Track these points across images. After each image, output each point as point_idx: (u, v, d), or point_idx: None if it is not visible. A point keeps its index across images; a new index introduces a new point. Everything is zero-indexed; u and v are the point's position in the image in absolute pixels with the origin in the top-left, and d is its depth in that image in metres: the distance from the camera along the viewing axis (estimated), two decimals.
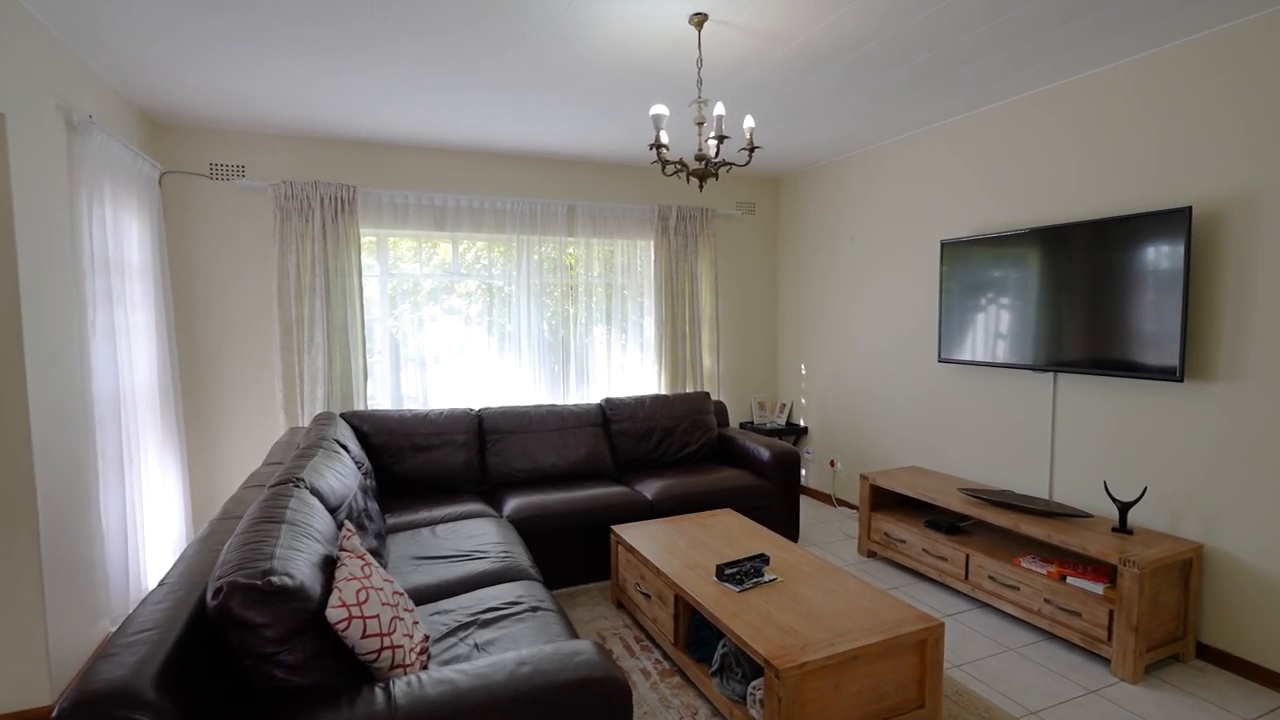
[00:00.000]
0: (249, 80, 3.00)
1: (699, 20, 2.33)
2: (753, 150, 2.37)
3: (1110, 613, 2.54)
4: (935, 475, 3.76)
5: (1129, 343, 2.78)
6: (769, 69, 2.86)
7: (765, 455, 3.85)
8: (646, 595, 2.78)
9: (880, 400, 4.34)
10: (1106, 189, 2.95)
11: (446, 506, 3.19)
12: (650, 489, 3.59)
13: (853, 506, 4.62)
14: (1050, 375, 3.23)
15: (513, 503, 3.29)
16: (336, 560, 1.67)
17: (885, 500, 3.81)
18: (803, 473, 5.12)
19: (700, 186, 2.40)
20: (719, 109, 2.23)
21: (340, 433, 2.95)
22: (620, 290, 4.82)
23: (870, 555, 3.76)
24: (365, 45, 2.62)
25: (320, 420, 3.09)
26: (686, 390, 4.87)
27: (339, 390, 3.96)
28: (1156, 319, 2.67)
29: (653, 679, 2.52)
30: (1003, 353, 3.33)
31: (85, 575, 2.60)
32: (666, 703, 2.37)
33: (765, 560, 2.57)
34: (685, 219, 4.82)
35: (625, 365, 4.90)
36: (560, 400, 4.64)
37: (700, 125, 2.38)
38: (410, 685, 1.38)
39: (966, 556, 3.13)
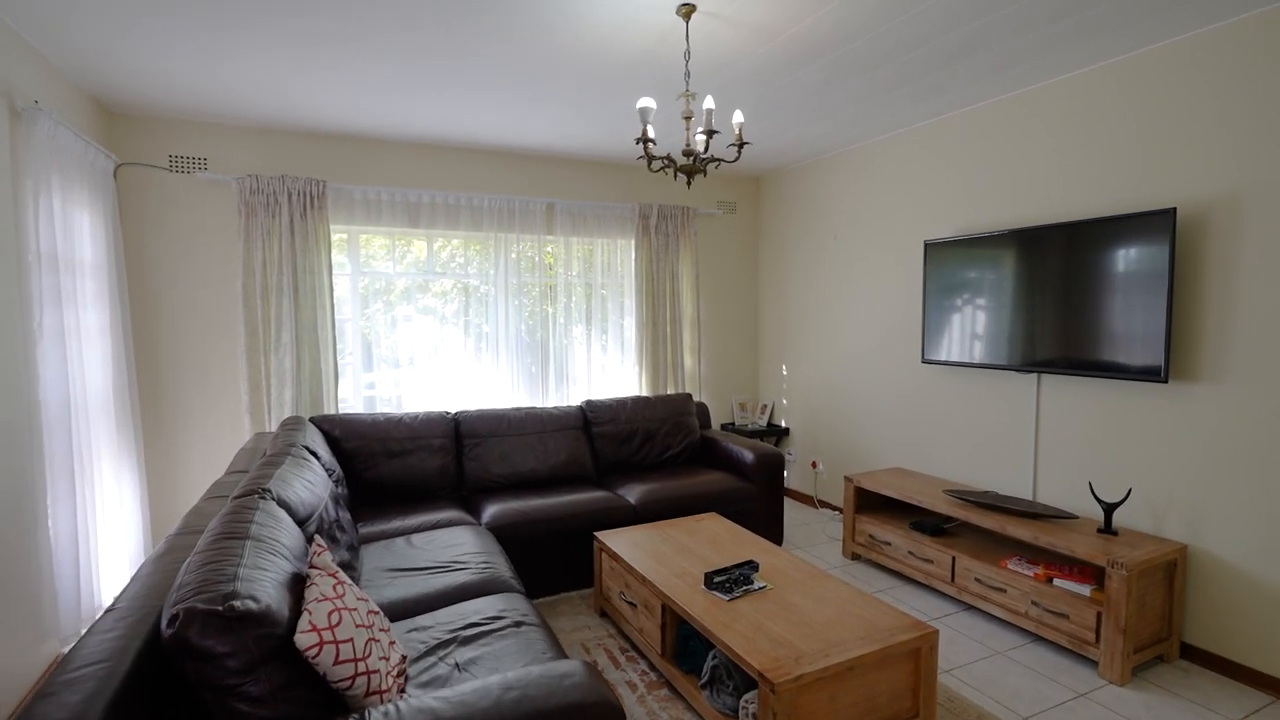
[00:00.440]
0: (212, 68, 2.84)
1: (686, 11, 2.26)
2: (742, 146, 2.30)
3: (1098, 615, 2.53)
4: (919, 476, 3.74)
5: (1113, 343, 2.78)
6: (755, 64, 2.80)
7: (749, 458, 3.80)
8: (632, 604, 2.70)
9: (863, 401, 4.31)
10: (1090, 190, 2.96)
11: (422, 514, 3.07)
12: (633, 493, 3.51)
13: (835, 508, 4.60)
14: (1034, 376, 3.22)
15: (491, 509, 3.18)
16: (306, 579, 1.56)
17: (869, 502, 3.78)
18: (784, 474, 5.08)
19: (688, 183, 2.32)
20: (709, 102, 2.15)
21: (309, 438, 2.81)
22: (600, 290, 4.73)
23: (854, 558, 3.73)
24: (337, 33, 2.49)
25: (288, 425, 2.94)
26: (668, 392, 4.80)
27: (308, 393, 3.80)
28: (1141, 319, 2.67)
29: (640, 692, 2.44)
30: (986, 353, 3.32)
31: (30, 594, 2.42)
32: (655, 717, 2.29)
33: (754, 567, 2.50)
34: (666, 218, 4.75)
35: (605, 366, 4.81)
36: (539, 402, 4.54)
37: (688, 120, 2.30)
38: (388, 716, 1.28)
39: (953, 559, 3.11)
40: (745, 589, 2.36)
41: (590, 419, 3.96)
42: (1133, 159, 2.79)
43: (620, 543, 2.90)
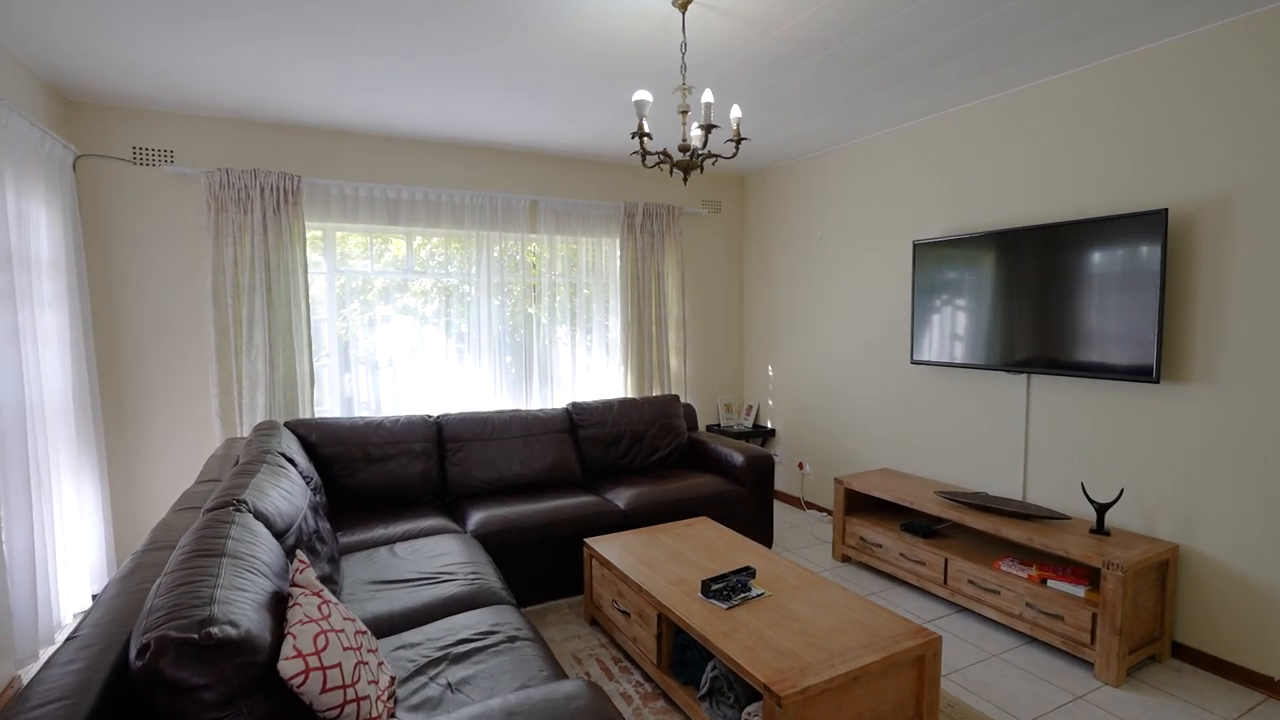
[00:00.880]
0: (178, 55, 2.69)
1: (683, 1, 2.19)
2: (739, 142, 2.24)
3: (1093, 616, 2.52)
4: (908, 478, 3.72)
5: (1104, 344, 2.78)
6: (750, 59, 2.74)
7: (739, 460, 3.74)
8: (625, 613, 2.62)
9: (851, 402, 4.29)
10: (1081, 191, 2.96)
11: (405, 522, 2.95)
12: (622, 498, 3.43)
13: (822, 509, 4.57)
14: (1024, 377, 3.22)
15: (477, 516, 3.08)
16: (288, 598, 1.45)
17: (859, 504, 3.76)
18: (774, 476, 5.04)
19: (685, 179, 2.25)
20: (707, 96, 2.09)
21: (285, 444, 2.68)
22: (584, 290, 4.64)
23: (845, 560, 3.70)
24: (313, 20, 2.36)
25: (262, 430, 2.80)
26: (653, 393, 4.73)
27: (282, 396, 3.64)
28: (1132, 320, 2.67)
29: (635, 704, 2.36)
30: (976, 354, 3.31)
31: None
32: None
33: (751, 573, 2.45)
34: (651, 216, 4.68)
35: (590, 368, 4.72)
36: (523, 405, 4.43)
37: (684, 114, 2.23)
38: None
39: (945, 561, 3.09)
40: (744, 597, 2.30)
41: (577, 421, 3.87)
42: (1124, 160, 2.79)
43: (611, 549, 2.82)
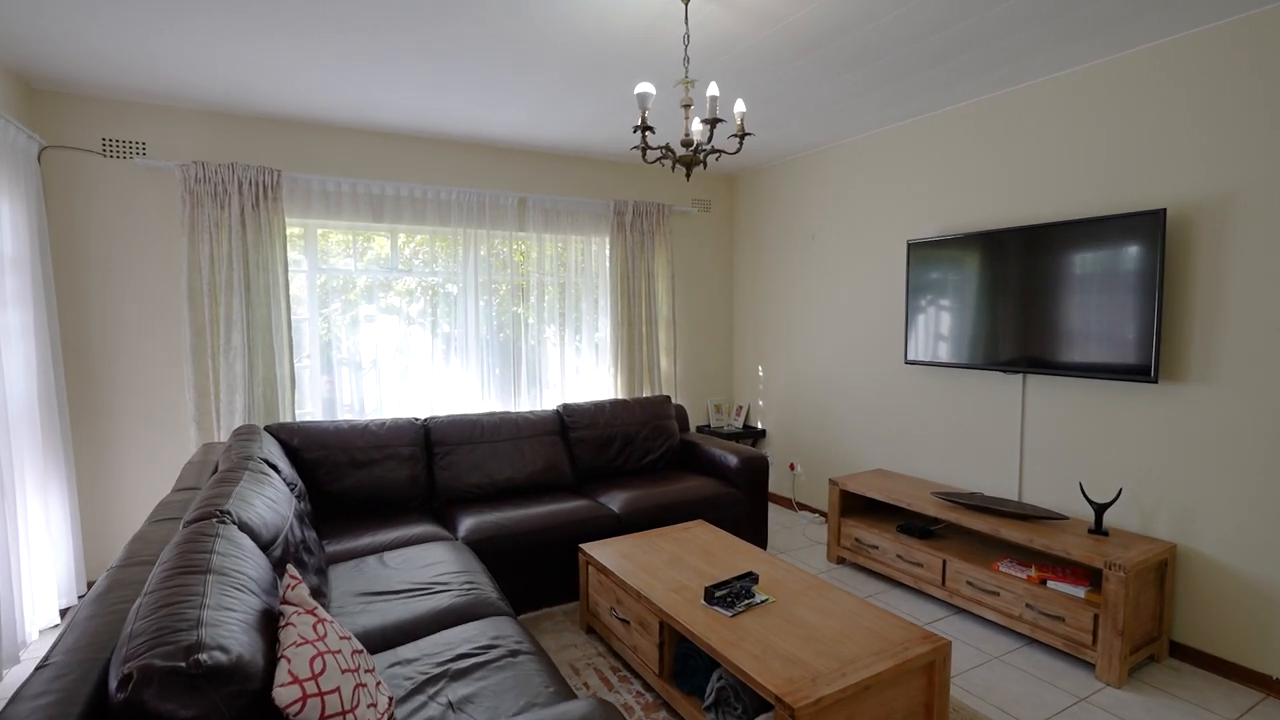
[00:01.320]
0: (150, 41, 2.56)
1: None
2: (744, 137, 2.18)
3: (1095, 617, 2.51)
4: (903, 478, 3.71)
5: (1101, 343, 2.77)
6: (751, 53, 2.69)
7: (733, 462, 3.69)
8: (624, 621, 2.55)
9: (844, 402, 4.27)
10: (1078, 190, 2.95)
11: (394, 530, 2.84)
12: (615, 501, 3.36)
13: (814, 510, 4.54)
14: (1019, 376, 3.21)
15: (467, 522, 2.98)
16: (279, 616, 1.36)
17: (854, 505, 3.73)
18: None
19: (688, 175, 2.19)
20: (713, 89, 2.02)
21: (267, 449, 2.56)
22: (574, 289, 4.56)
23: (840, 562, 3.67)
24: (293, 6, 2.26)
25: (242, 435, 2.68)
26: (643, 394, 4.67)
27: (261, 399, 3.50)
28: (1130, 320, 2.67)
29: (637, 715, 2.29)
30: (971, 354, 3.30)
31: None
32: None
33: (754, 579, 2.39)
34: (641, 215, 4.61)
35: (579, 369, 4.64)
36: (511, 406, 4.33)
37: (687, 108, 2.17)
38: None
39: (943, 562, 3.07)
40: (748, 603, 2.25)
41: (568, 423, 3.79)
42: (1121, 160, 2.79)
43: (608, 555, 2.74)
